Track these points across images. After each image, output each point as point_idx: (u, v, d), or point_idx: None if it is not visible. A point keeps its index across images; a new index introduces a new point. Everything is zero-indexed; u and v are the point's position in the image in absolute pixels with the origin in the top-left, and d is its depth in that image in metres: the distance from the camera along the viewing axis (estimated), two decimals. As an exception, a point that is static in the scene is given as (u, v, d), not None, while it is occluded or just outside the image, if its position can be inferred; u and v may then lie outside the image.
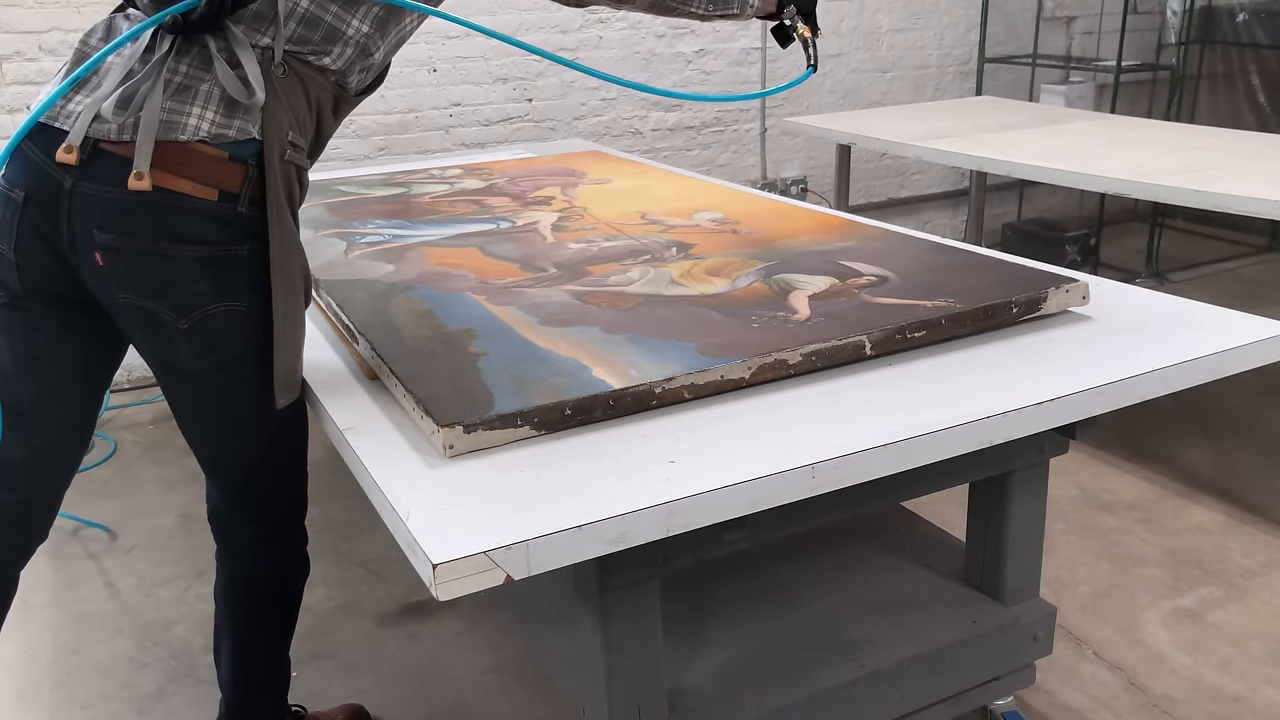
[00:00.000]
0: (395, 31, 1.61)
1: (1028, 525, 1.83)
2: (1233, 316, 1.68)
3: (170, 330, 1.50)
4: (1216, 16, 5.32)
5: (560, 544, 1.10)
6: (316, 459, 3.24)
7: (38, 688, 2.26)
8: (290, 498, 1.78)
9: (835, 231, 2.14)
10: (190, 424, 1.66)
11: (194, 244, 1.47)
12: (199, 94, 1.45)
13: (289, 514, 1.79)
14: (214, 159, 1.45)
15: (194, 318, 1.50)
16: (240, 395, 1.57)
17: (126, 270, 1.47)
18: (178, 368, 1.56)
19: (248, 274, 1.50)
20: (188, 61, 1.46)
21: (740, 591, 1.89)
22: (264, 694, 1.89)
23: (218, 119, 1.45)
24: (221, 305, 1.50)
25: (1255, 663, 2.23)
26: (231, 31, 1.46)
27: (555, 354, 1.50)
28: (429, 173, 2.96)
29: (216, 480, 1.74)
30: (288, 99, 1.51)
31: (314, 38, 1.52)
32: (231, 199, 1.47)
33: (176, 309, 1.49)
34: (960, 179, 5.29)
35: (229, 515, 1.77)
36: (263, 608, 1.83)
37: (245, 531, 1.77)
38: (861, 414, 1.37)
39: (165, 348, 1.54)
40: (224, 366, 1.54)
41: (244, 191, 1.47)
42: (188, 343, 1.51)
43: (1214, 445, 3.22)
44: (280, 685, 1.91)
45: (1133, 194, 3.03)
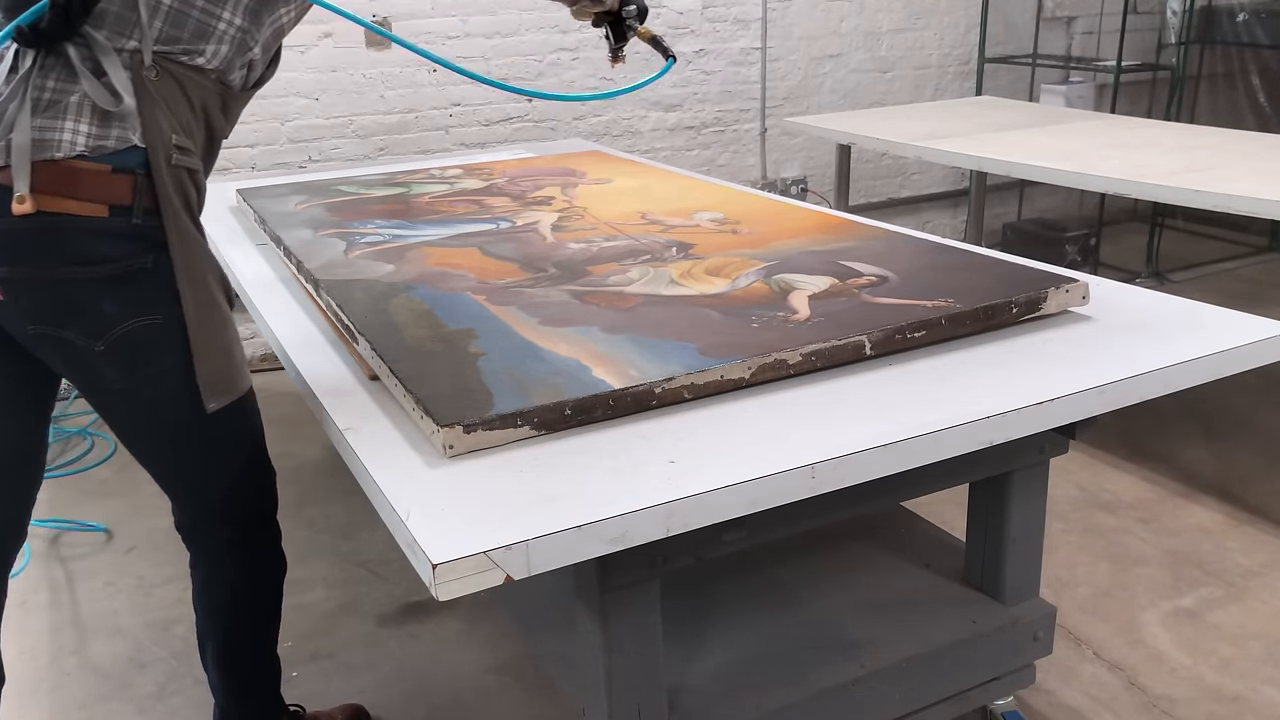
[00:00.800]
0: (270, 22, 1.56)
1: (1028, 525, 1.83)
2: (1233, 316, 1.68)
3: (87, 355, 1.47)
4: (1216, 16, 5.32)
5: (560, 544, 1.10)
6: (316, 459, 3.26)
7: (37, 688, 2.26)
8: (253, 498, 1.74)
9: (835, 231, 2.14)
10: (132, 442, 1.62)
11: (94, 264, 1.43)
12: (69, 108, 1.40)
13: (255, 514, 1.75)
14: (97, 173, 1.40)
15: (110, 338, 1.46)
16: (176, 406, 1.53)
17: (30, 302, 1.44)
18: (104, 388, 1.53)
19: (158, 286, 1.47)
20: (54, 76, 1.41)
21: (740, 591, 1.89)
22: (256, 696, 1.87)
23: (93, 131, 1.40)
24: (137, 321, 1.47)
25: (1255, 663, 2.23)
26: (93, 38, 1.40)
27: (555, 354, 1.50)
28: (429, 173, 2.96)
29: (175, 494, 1.71)
30: (166, 102, 1.46)
31: (183, 35, 1.46)
32: (125, 212, 1.43)
33: (89, 333, 1.46)
34: (960, 179, 5.29)
35: (195, 525, 1.73)
36: (243, 612, 1.79)
37: (214, 539, 1.73)
38: (861, 414, 1.37)
39: (87, 372, 1.51)
40: (151, 381, 1.51)
41: (136, 203, 1.43)
42: (107, 364, 1.48)
43: (1214, 445, 3.22)
44: (271, 685, 1.89)
45: (1133, 194, 3.03)
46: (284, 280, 2.12)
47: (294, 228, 2.29)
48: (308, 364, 1.65)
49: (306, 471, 3.23)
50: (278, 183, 2.88)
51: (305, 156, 4.08)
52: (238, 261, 2.26)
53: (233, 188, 2.90)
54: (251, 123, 3.96)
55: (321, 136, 4.09)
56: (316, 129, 4.08)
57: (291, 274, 2.13)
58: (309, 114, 4.05)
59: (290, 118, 4.03)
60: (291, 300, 2.00)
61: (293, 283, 2.10)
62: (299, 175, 3.37)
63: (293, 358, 1.69)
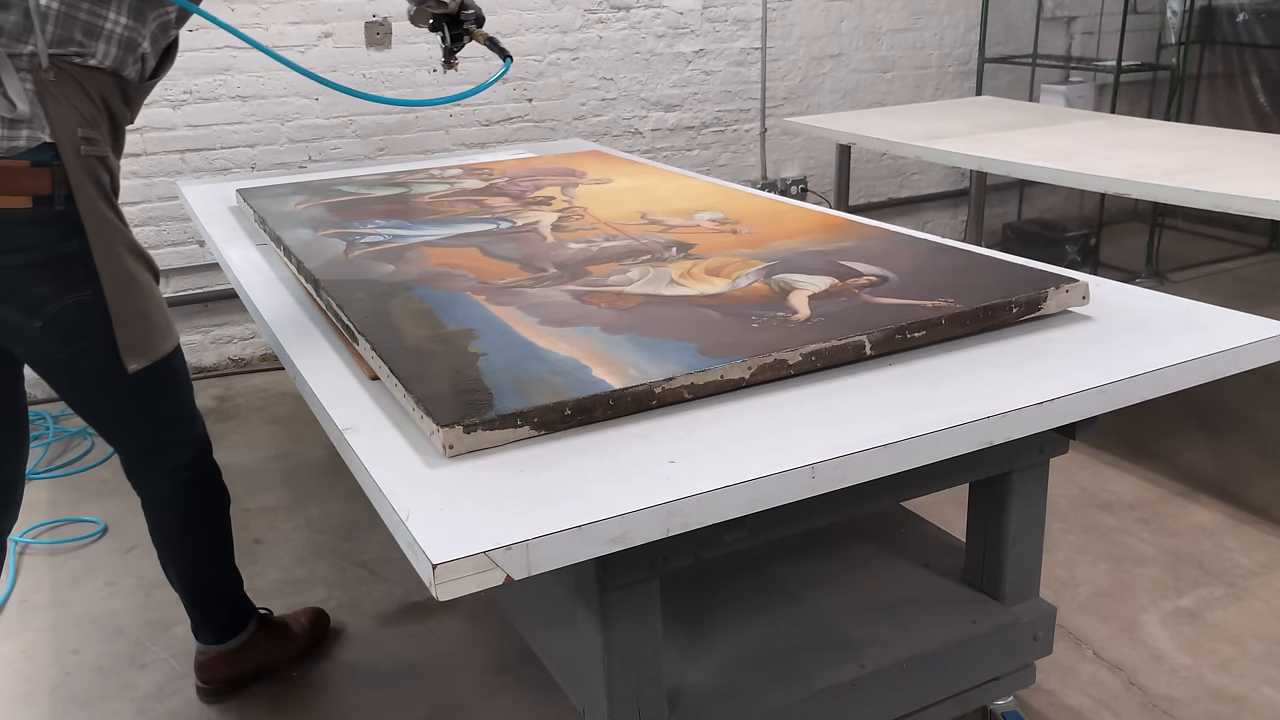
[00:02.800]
0: (155, 18, 1.70)
1: (1028, 525, 1.83)
2: (1233, 316, 1.68)
3: (27, 331, 1.67)
4: (1216, 16, 5.33)
5: (560, 544, 1.10)
6: (316, 459, 3.26)
7: (38, 688, 2.26)
8: (185, 443, 1.98)
9: (835, 231, 2.14)
10: (76, 404, 1.85)
11: (23, 251, 1.61)
12: None
13: (190, 457, 1.99)
14: (17, 169, 1.57)
15: (45, 314, 1.66)
16: (111, 371, 1.73)
17: None
18: (46, 361, 1.74)
19: (83, 265, 1.65)
20: None
21: (740, 591, 1.89)
22: (221, 605, 2.16)
23: (4, 134, 1.56)
24: (68, 299, 1.66)
25: (1255, 663, 2.23)
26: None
27: (555, 354, 1.50)
28: (429, 173, 2.96)
29: (118, 448, 1.95)
30: (68, 99, 1.60)
31: (74, 36, 1.60)
32: (47, 201, 1.60)
33: (26, 312, 1.65)
34: (960, 179, 5.29)
35: (138, 471, 1.98)
36: (193, 539, 2.06)
37: (157, 481, 1.99)
38: (861, 414, 1.37)
39: (29, 347, 1.72)
40: (88, 351, 1.71)
41: (56, 191, 1.60)
42: (47, 338, 1.68)
43: (1214, 445, 3.22)
44: (232, 594, 2.18)
45: (1133, 194, 3.03)
46: (284, 280, 2.12)
47: (294, 228, 2.29)
48: (308, 364, 1.65)
49: (306, 471, 3.23)
50: (278, 183, 2.88)
51: (305, 156, 4.08)
52: (238, 261, 2.26)
53: (233, 188, 2.90)
54: (251, 123, 3.96)
55: (321, 136, 4.10)
56: (316, 129, 4.08)
57: (291, 274, 2.13)
58: (309, 114, 4.05)
59: (290, 118, 4.03)
60: (291, 300, 2.00)
61: (293, 283, 2.10)
62: (299, 175, 3.37)
63: (293, 358, 1.69)
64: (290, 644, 2.29)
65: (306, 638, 2.33)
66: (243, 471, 3.20)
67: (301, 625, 2.34)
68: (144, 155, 3.84)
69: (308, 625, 2.36)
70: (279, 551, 2.69)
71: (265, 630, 2.26)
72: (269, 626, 2.27)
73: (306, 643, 2.33)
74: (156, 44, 1.74)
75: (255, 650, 2.22)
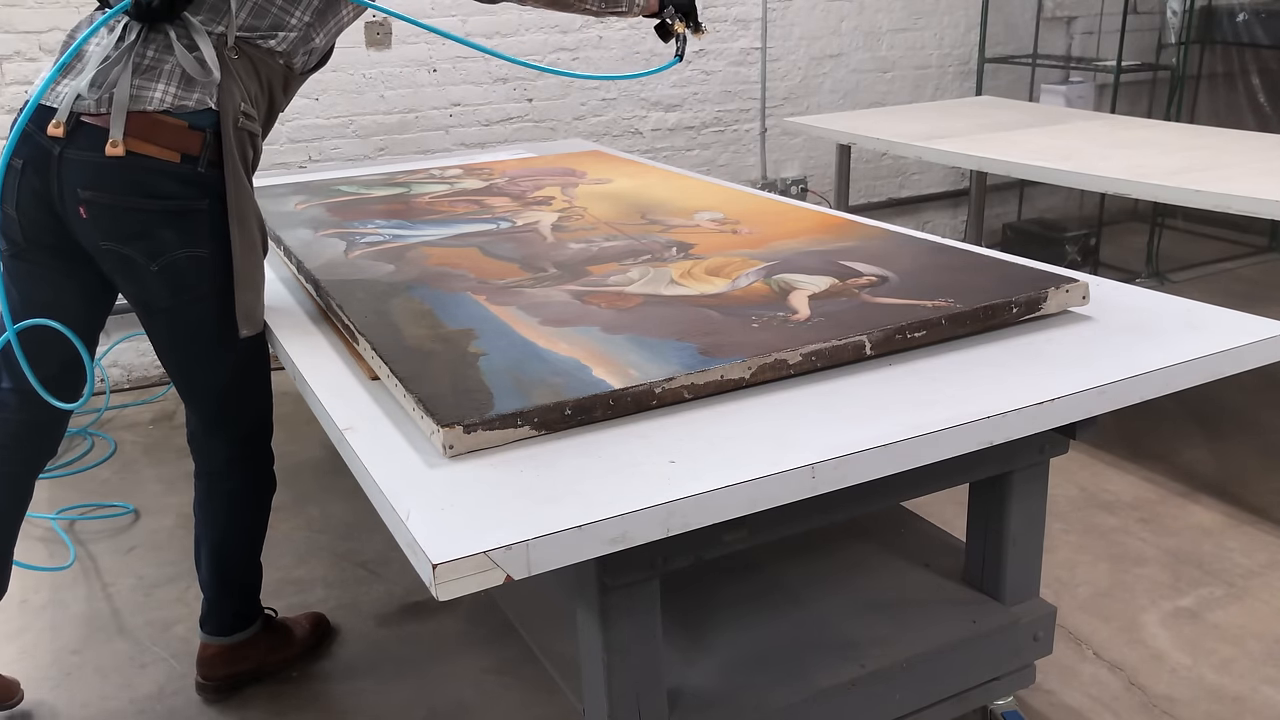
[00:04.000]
0: (334, 21, 1.89)
1: (1028, 525, 1.83)
2: (1233, 316, 1.68)
3: (144, 271, 1.77)
4: (1216, 16, 5.32)
5: (560, 544, 1.10)
6: (316, 459, 3.26)
7: (38, 688, 2.26)
8: (257, 421, 2.08)
9: (835, 231, 2.14)
10: (167, 355, 1.94)
11: (161, 199, 1.73)
12: (162, 73, 1.71)
13: (256, 435, 2.09)
14: (176, 127, 1.71)
15: (163, 261, 1.76)
16: (206, 328, 1.84)
17: (106, 221, 1.74)
18: (152, 305, 1.83)
19: (208, 224, 1.77)
20: (154, 47, 1.72)
21: (740, 591, 1.89)
22: (240, 592, 2.21)
23: (178, 93, 1.71)
24: (187, 251, 1.77)
25: (1255, 663, 2.23)
26: (190, 21, 1.73)
27: (555, 354, 1.50)
28: (429, 173, 2.96)
29: (193, 405, 2.03)
30: (240, 77, 1.77)
31: (262, 25, 1.79)
32: (192, 161, 1.73)
33: (148, 253, 1.76)
34: (960, 179, 5.29)
35: (205, 436, 2.06)
36: (236, 517, 2.13)
37: (220, 450, 2.06)
38: (861, 414, 1.37)
39: (141, 287, 1.81)
40: (191, 304, 1.82)
41: (203, 155, 1.73)
42: (159, 282, 1.78)
43: (1214, 445, 3.22)
44: (253, 585, 2.23)
45: (1133, 194, 3.03)
46: (284, 280, 2.12)
47: (294, 228, 2.29)
48: (308, 364, 1.65)
49: (306, 471, 3.23)
50: (278, 183, 2.88)
51: (305, 156, 4.08)
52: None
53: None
54: (251, 123, 3.96)
55: (321, 136, 4.09)
56: (316, 129, 4.08)
57: (291, 274, 2.13)
58: (309, 114, 4.05)
59: (290, 118, 4.03)
60: (291, 300, 2.00)
61: (293, 283, 2.10)
62: (299, 175, 3.37)
63: (293, 358, 1.69)
64: (290, 647, 2.31)
65: (306, 641, 2.36)
66: (243, 471, 3.20)
67: (303, 629, 2.37)
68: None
69: (309, 628, 2.38)
70: (279, 551, 2.69)
71: (268, 631, 2.28)
72: (271, 628, 2.30)
73: (306, 646, 2.35)
74: (325, 42, 1.92)
75: (255, 649, 2.24)
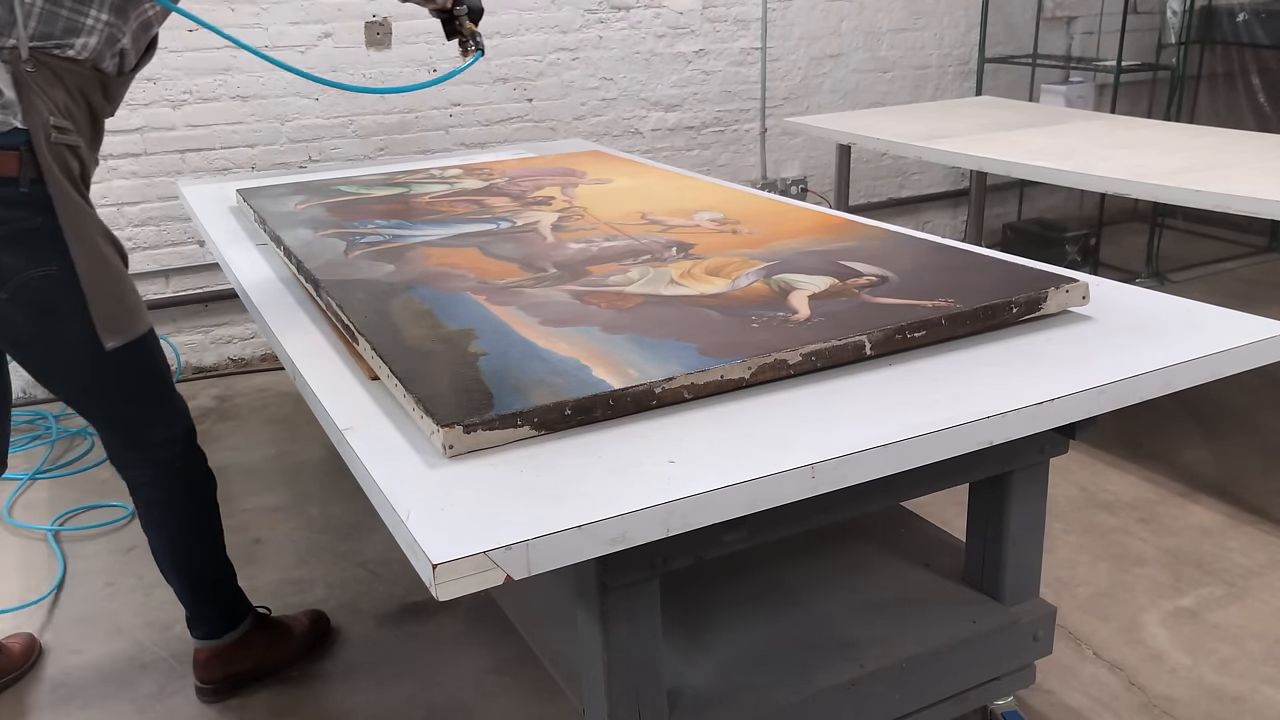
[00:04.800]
0: (136, 16, 1.79)
1: (1028, 525, 1.83)
2: (1233, 316, 1.68)
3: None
4: (1216, 16, 5.32)
5: (560, 544, 1.10)
6: (316, 459, 3.26)
7: (38, 688, 2.26)
8: (169, 423, 2.01)
9: (835, 231, 2.14)
10: (55, 384, 1.90)
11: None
12: None
13: (172, 437, 2.02)
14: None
15: (11, 287, 1.73)
16: (81, 347, 1.80)
17: None
18: (19, 338, 1.81)
19: (49, 241, 1.73)
20: None
21: (740, 591, 1.89)
22: (214, 596, 2.18)
23: None
24: (37, 270, 1.74)
25: (1255, 663, 2.23)
26: None
27: (555, 354, 1.50)
28: (429, 173, 2.96)
29: (99, 426, 2.00)
30: (43, 89, 1.70)
31: (55, 32, 1.71)
32: (12, 182, 1.69)
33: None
34: (960, 179, 5.29)
35: (123, 454, 2.01)
36: (181, 524, 2.08)
37: (141, 464, 2.01)
38: (861, 414, 1.37)
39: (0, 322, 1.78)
40: (59, 324, 1.78)
41: (23, 174, 1.69)
42: (14, 310, 1.76)
43: (1214, 445, 3.22)
44: (227, 585, 2.20)
45: (1133, 194, 3.03)
46: (284, 280, 2.12)
47: (294, 228, 2.29)
48: (308, 364, 1.65)
49: (306, 471, 3.23)
50: (278, 183, 2.88)
51: (305, 156, 4.08)
52: (237, 261, 2.26)
53: (233, 188, 2.90)
54: (251, 123, 3.96)
55: (321, 136, 4.09)
56: (316, 129, 4.08)
57: (291, 274, 2.13)
58: (309, 114, 4.05)
59: (290, 118, 4.03)
60: (291, 300, 2.00)
61: (293, 283, 2.10)
62: (299, 175, 3.37)
63: (293, 358, 1.69)
64: (288, 644, 2.29)
65: (305, 639, 2.33)
66: (243, 471, 3.20)
67: (301, 626, 2.34)
68: (144, 155, 3.84)
69: (307, 625, 2.35)
70: (279, 551, 2.69)
71: (262, 629, 2.26)
72: (266, 626, 2.28)
73: (305, 644, 2.33)
74: (137, 41, 1.83)
75: (251, 648, 2.22)
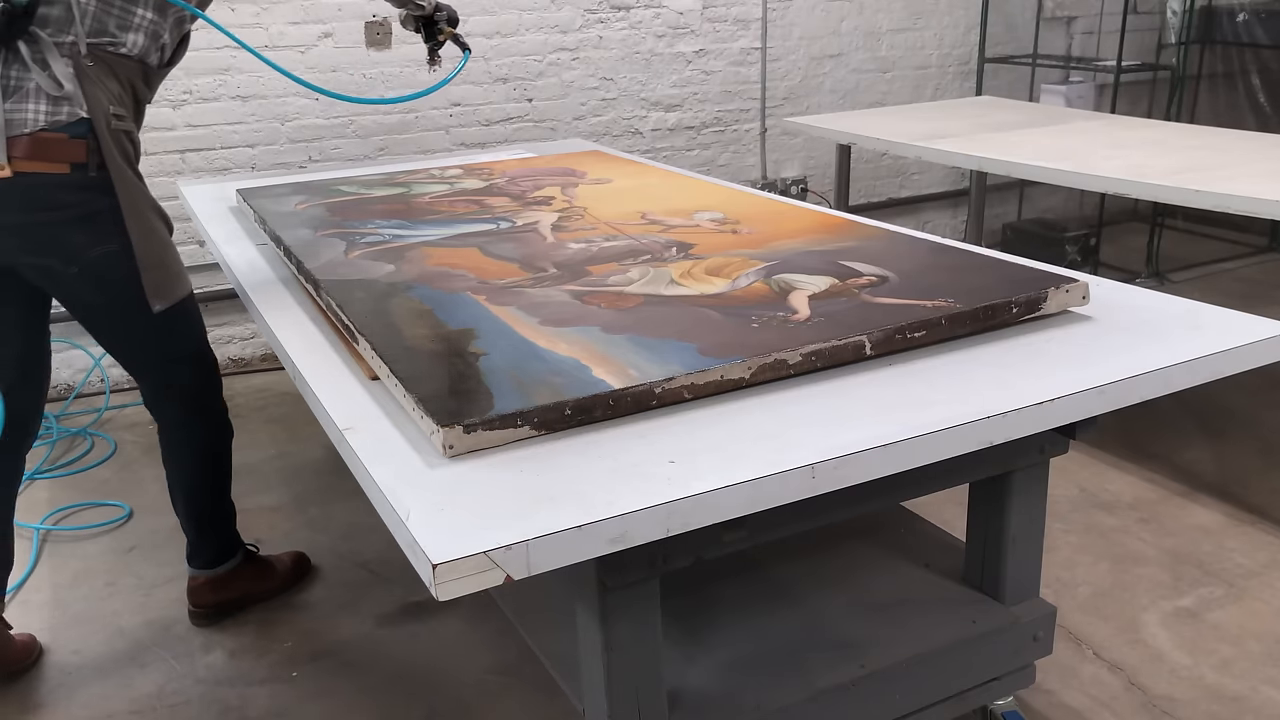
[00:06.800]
0: (173, 13, 2.02)
1: (1028, 525, 1.83)
2: (1233, 316, 1.68)
3: (64, 276, 1.97)
4: (1216, 16, 5.32)
5: (560, 544, 1.10)
6: (316, 459, 3.26)
7: (38, 687, 2.26)
8: (200, 380, 2.27)
9: (835, 231, 2.14)
10: (109, 343, 2.17)
11: (63, 209, 1.90)
12: (29, 93, 1.87)
13: (202, 392, 2.29)
14: (57, 141, 1.87)
15: (81, 262, 1.95)
16: (136, 313, 2.03)
17: (20, 239, 1.93)
18: (80, 302, 2.04)
19: (112, 222, 1.95)
20: (15, 68, 1.87)
21: (740, 591, 1.89)
22: (215, 529, 2.43)
23: (49, 110, 1.87)
24: (100, 249, 1.96)
25: (1255, 663, 2.23)
26: (39, 37, 1.87)
27: (555, 354, 1.50)
28: (429, 173, 2.96)
29: (139, 378, 2.25)
30: (101, 81, 1.91)
31: (108, 29, 1.92)
32: (82, 168, 1.90)
33: (64, 259, 1.95)
34: (960, 179, 5.29)
35: (157, 402, 2.27)
36: (197, 464, 2.35)
37: (173, 410, 2.27)
38: (861, 414, 1.37)
39: (66, 290, 2.01)
40: (117, 294, 2.01)
41: (90, 160, 1.90)
42: (82, 282, 1.98)
43: (1214, 445, 3.22)
44: (227, 521, 2.46)
45: (1133, 194, 3.03)
46: (284, 280, 2.12)
47: (294, 228, 2.29)
48: (308, 364, 1.65)
49: (306, 471, 3.23)
50: (278, 183, 2.88)
51: (305, 156, 4.08)
52: (237, 261, 2.26)
53: (233, 188, 2.90)
54: (251, 123, 3.96)
55: (321, 136, 4.09)
56: (316, 129, 4.08)
57: (291, 274, 2.13)
58: (309, 114, 4.05)
59: (290, 118, 4.03)
60: (291, 300, 2.00)
61: (293, 283, 2.10)
62: (299, 175, 3.37)
63: (293, 358, 1.69)
64: (273, 579, 2.55)
65: (288, 575, 2.58)
66: (243, 471, 3.19)
67: (284, 564, 2.59)
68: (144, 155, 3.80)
69: (290, 564, 2.61)
70: (279, 551, 2.69)
71: (250, 563, 2.52)
72: (254, 561, 2.53)
73: (288, 579, 2.58)
74: (174, 35, 2.05)
75: (240, 579, 2.47)
